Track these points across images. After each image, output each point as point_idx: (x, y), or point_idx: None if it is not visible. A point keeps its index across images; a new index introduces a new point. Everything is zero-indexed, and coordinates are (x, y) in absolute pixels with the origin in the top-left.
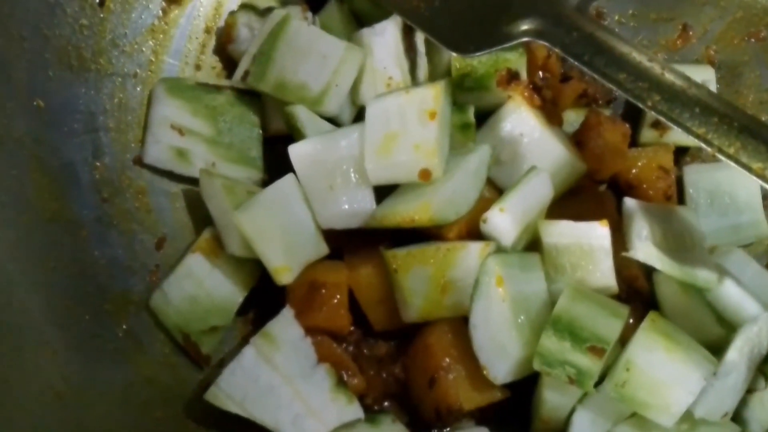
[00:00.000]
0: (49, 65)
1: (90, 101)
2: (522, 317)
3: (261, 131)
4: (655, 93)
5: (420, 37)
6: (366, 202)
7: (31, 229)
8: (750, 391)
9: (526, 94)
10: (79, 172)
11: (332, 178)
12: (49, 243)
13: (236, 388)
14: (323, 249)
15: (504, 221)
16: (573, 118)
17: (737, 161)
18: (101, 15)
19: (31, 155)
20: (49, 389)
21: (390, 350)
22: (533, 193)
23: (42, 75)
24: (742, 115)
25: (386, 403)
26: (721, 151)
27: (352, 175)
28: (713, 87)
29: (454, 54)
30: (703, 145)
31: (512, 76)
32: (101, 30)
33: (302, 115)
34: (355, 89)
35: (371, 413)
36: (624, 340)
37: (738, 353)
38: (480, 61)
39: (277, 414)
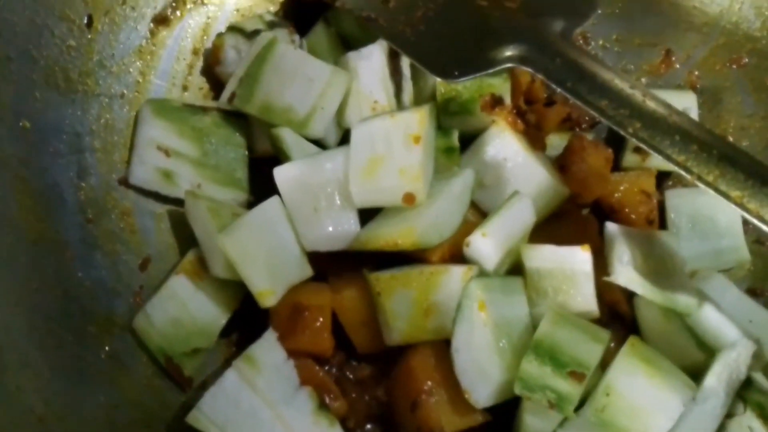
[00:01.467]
0: (36, 86)
1: (76, 122)
2: (504, 341)
3: (247, 153)
4: (636, 120)
5: (405, 61)
6: (350, 224)
7: (14, 250)
8: (729, 416)
9: (509, 118)
10: (64, 192)
11: (317, 200)
12: (32, 264)
13: (218, 412)
14: (307, 271)
15: (486, 245)
16: (557, 142)
17: (716, 189)
18: (89, 36)
19: (16, 176)
20: (30, 412)
21: (373, 373)
22: (516, 217)
23: (29, 96)
24: (721, 144)
25: (369, 426)
26: (700, 178)
27: (337, 197)
28: (695, 112)
29: (438, 79)
30: (684, 173)
31: (496, 101)
32: (88, 51)
33: (288, 137)
34: (340, 112)
35: None
36: (605, 365)
37: (717, 379)
38: (464, 86)
39: None
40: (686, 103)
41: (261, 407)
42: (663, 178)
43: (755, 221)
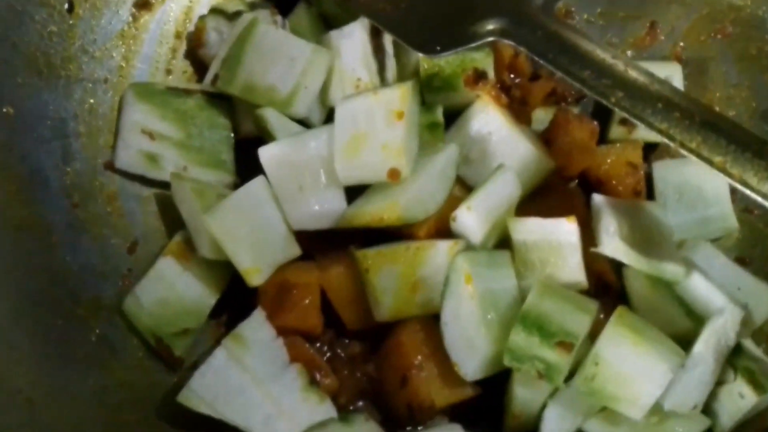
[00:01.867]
0: (18, 72)
1: (60, 107)
2: (491, 314)
3: (232, 134)
4: (618, 90)
5: (388, 39)
6: (336, 202)
7: (0, 236)
8: (719, 383)
9: (493, 93)
10: (50, 178)
11: (302, 179)
12: (19, 249)
13: (207, 390)
14: (295, 250)
15: (472, 219)
16: (542, 116)
17: (699, 155)
18: (70, 21)
19: (0, 162)
20: (18, 394)
21: (363, 349)
22: (500, 191)
23: (11, 82)
24: (703, 110)
25: (360, 403)
26: (683, 145)
27: (322, 176)
28: (680, 84)
29: (421, 55)
30: (666, 141)
31: (479, 76)
32: (70, 36)
33: (272, 117)
34: (324, 91)
35: (344, 412)
36: (594, 335)
37: (705, 346)
38: (447, 62)
39: (248, 414)
40: (671, 74)
41: (250, 385)
42: (650, 150)
43: (738, 186)
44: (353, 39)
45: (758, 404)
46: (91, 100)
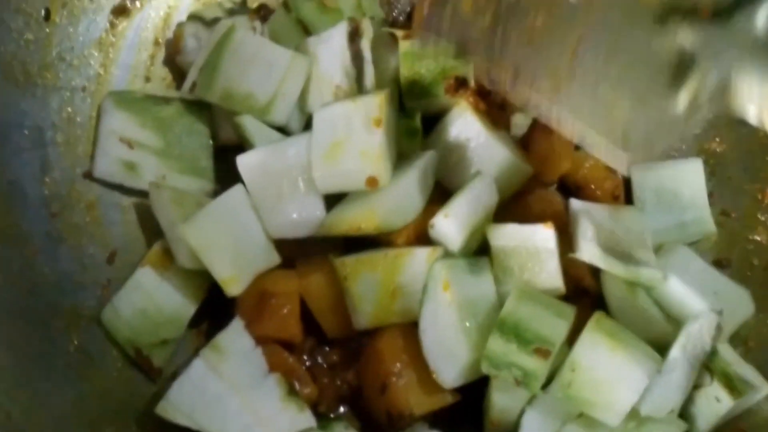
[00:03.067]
0: None
1: (37, 116)
2: (470, 321)
3: (211, 141)
4: None
5: (366, 45)
6: (315, 210)
7: None
8: (696, 387)
9: (471, 99)
10: (27, 187)
11: (281, 187)
12: None
13: (185, 401)
14: (274, 258)
15: (449, 226)
16: (521, 121)
17: None
18: (47, 29)
19: None
20: None
21: (343, 357)
22: (478, 197)
23: None
24: None
25: (340, 410)
26: None
27: (301, 183)
28: None
29: (401, 61)
30: None
31: (460, 83)
32: (47, 44)
33: (250, 124)
34: (302, 98)
35: (325, 420)
36: (572, 341)
37: (681, 350)
38: (428, 69)
39: (226, 425)
40: None
41: (228, 394)
42: None
43: None
44: (331, 45)
45: (734, 408)
46: (69, 109)
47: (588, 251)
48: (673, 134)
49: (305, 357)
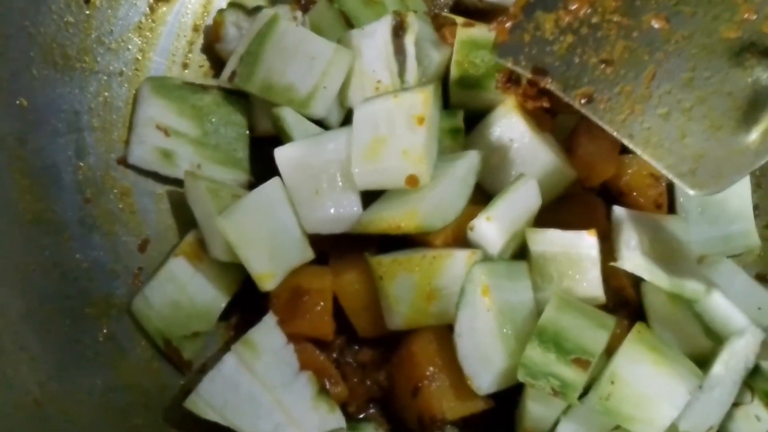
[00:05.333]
0: (33, 63)
1: (74, 100)
2: (507, 327)
3: (248, 132)
4: None
5: (410, 40)
6: (352, 207)
7: (11, 231)
8: (736, 404)
9: (519, 98)
10: (62, 172)
11: (318, 182)
12: (30, 245)
13: (216, 396)
14: (308, 254)
15: (491, 230)
16: (565, 123)
17: None
18: (87, 12)
19: (13, 155)
20: (26, 395)
21: (374, 357)
22: (521, 201)
23: (26, 73)
24: None
25: (370, 411)
26: None
27: (339, 179)
28: None
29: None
30: None
31: (512, 80)
32: (87, 27)
33: (289, 117)
34: (343, 92)
35: (354, 421)
36: (610, 351)
37: (724, 367)
38: (482, 60)
39: (258, 423)
40: None
41: (260, 392)
42: None
43: None
44: (375, 39)
45: None
46: (106, 94)
47: (631, 261)
48: (742, 169)
49: (335, 356)
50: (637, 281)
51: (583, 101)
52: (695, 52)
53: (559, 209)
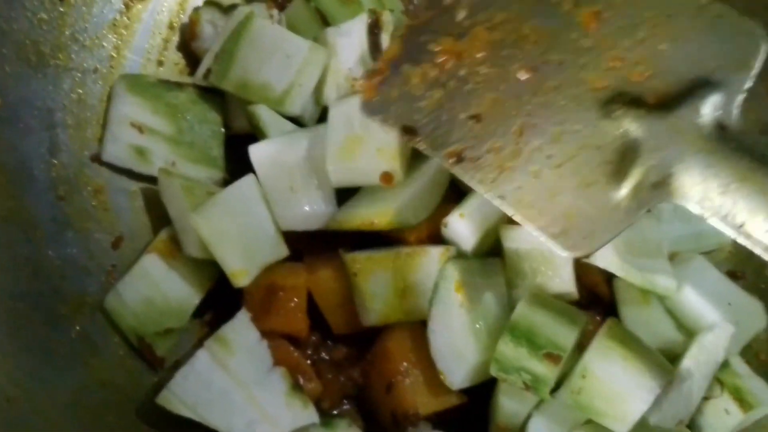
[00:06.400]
0: (6, 60)
1: (48, 97)
2: (480, 323)
3: (223, 130)
4: None
5: (385, 38)
6: (327, 204)
7: None
8: (706, 398)
9: None
10: (35, 169)
11: (293, 179)
12: (2, 242)
13: (189, 393)
14: (283, 251)
15: (464, 226)
16: None
17: None
18: (61, 9)
19: None
20: None
21: (349, 354)
22: None
23: None
24: None
25: (344, 407)
26: None
27: (314, 176)
28: None
29: None
30: None
31: None
32: (61, 24)
33: (265, 114)
34: (318, 89)
35: (328, 417)
36: (582, 347)
37: (694, 361)
38: None
39: (231, 419)
40: None
41: (233, 388)
42: None
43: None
44: (351, 37)
45: (744, 421)
46: (80, 91)
47: (603, 257)
48: (612, 229)
49: (310, 352)
50: (609, 277)
51: (451, 161)
52: (564, 104)
53: None
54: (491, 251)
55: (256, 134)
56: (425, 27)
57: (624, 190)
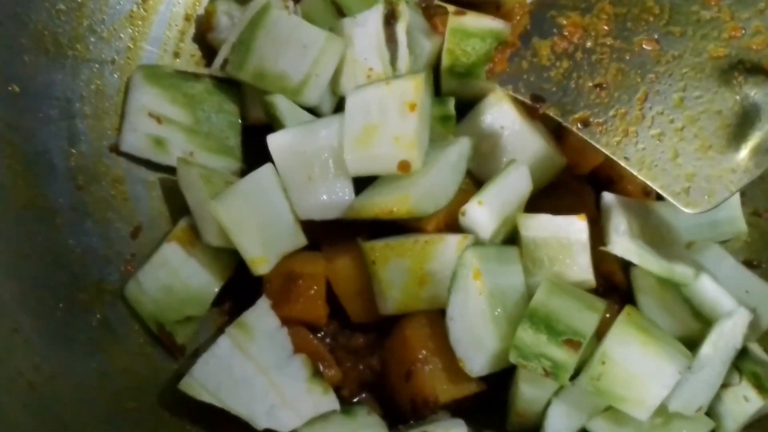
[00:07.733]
0: (25, 50)
1: (66, 87)
2: (499, 310)
3: (240, 120)
4: None
5: (401, 28)
6: (344, 193)
7: (4, 217)
8: (725, 385)
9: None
10: (55, 159)
11: (311, 168)
12: (22, 231)
13: (210, 378)
14: (301, 240)
15: (482, 214)
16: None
17: None
18: (79, 0)
19: (5, 141)
20: (20, 377)
21: (367, 342)
22: (512, 186)
23: (18, 60)
24: None
25: (363, 395)
26: None
27: (331, 166)
28: None
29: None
30: None
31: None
32: (79, 15)
33: (282, 104)
34: (335, 80)
35: (347, 405)
36: (600, 334)
37: (713, 348)
38: (473, 48)
39: (252, 404)
40: None
41: (254, 374)
42: None
43: None
44: (367, 27)
45: (763, 408)
46: (98, 81)
47: (621, 245)
48: (732, 187)
49: (328, 340)
50: (626, 266)
51: (580, 126)
52: (685, 72)
53: (550, 196)
54: (508, 240)
55: (272, 124)
56: (553, 2)
57: (743, 152)
